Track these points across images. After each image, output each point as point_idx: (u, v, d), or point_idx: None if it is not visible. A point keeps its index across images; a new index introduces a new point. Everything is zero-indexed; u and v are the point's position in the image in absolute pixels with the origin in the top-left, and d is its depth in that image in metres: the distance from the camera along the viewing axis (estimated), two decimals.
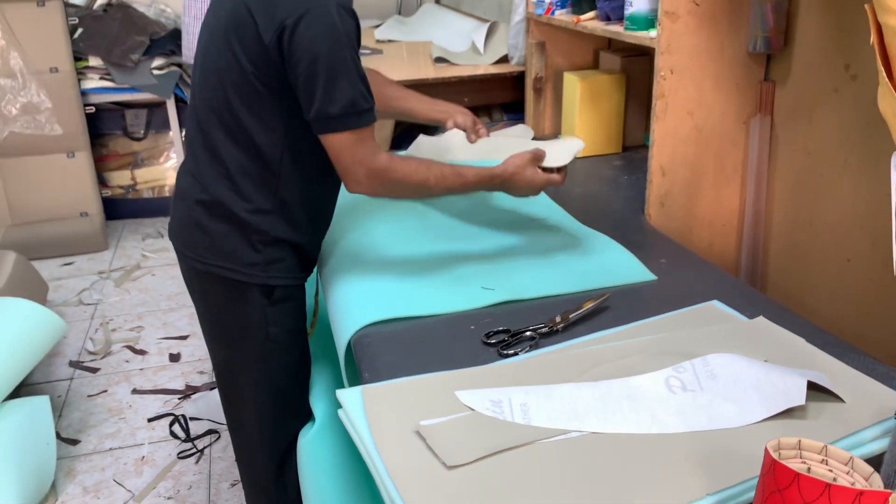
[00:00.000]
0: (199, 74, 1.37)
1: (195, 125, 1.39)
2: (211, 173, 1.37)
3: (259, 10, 1.23)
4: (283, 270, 1.43)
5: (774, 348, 1.12)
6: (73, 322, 2.97)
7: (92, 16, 3.61)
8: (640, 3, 1.70)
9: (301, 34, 1.20)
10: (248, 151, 1.33)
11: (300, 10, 1.20)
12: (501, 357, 1.16)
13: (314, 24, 1.20)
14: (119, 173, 3.82)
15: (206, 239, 1.41)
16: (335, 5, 1.21)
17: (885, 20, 0.93)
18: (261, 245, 1.38)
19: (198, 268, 1.44)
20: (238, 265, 1.40)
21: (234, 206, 1.36)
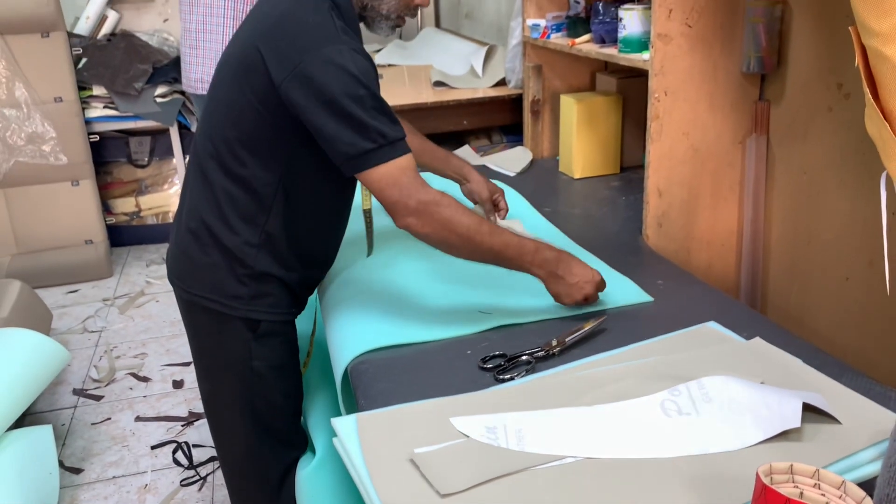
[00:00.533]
0: (208, 106, 1.38)
1: (193, 153, 1.41)
2: (201, 202, 1.38)
3: (270, 53, 1.23)
4: (270, 305, 1.41)
5: (771, 369, 1.12)
6: (77, 349, 2.98)
7: (96, 45, 3.66)
8: (634, 26, 1.71)
9: (315, 77, 1.19)
10: (238, 184, 1.33)
11: (312, 52, 1.19)
12: (498, 382, 1.16)
13: (327, 66, 1.18)
14: (123, 200, 3.85)
15: (193, 268, 1.41)
16: (347, 48, 1.21)
17: (868, 43, 0.94)
18: (246, 278, 1.38)
19: (184, 297, 1.45)
20: (222, 297, 1.39)
21: (222, 237, 1.36)
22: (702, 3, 1.58)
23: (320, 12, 1.25)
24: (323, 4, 1.26)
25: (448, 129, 2.81)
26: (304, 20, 1.23)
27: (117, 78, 3.55)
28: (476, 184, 1.74)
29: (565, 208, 1.97)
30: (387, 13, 1.36)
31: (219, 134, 1.33)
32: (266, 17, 1.28)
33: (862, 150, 1.46)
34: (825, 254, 1.60)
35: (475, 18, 3.97)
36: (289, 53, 1.21)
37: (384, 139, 1.21)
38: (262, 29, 1.27)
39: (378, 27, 1.39)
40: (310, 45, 1.20)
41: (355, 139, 1.20)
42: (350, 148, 1.21)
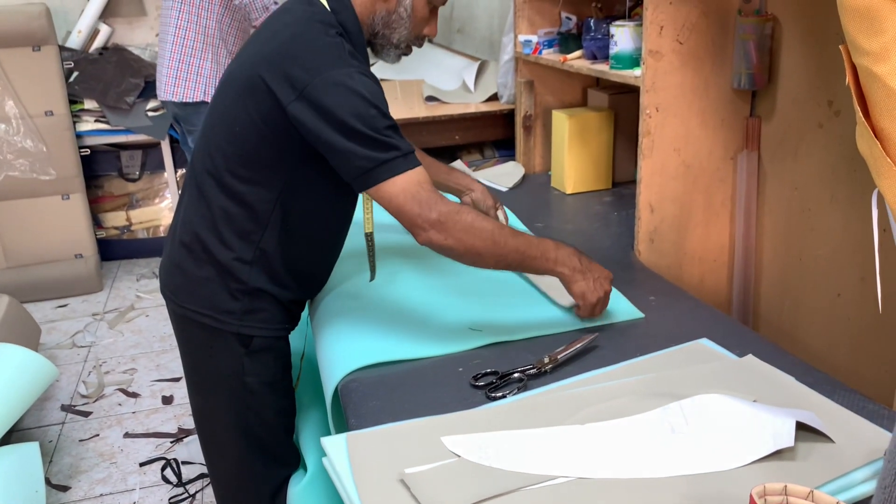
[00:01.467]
0: (208, 121, 1.37)
1: (190, 167, 1.40)
2: (195, 216, 1.37)
3: (277, 74, 1.22)
4: (263, 321, 1.40)
5: (764, 387, 1.11)
6: (65, 365, 2.95)
7: (87, 59, 3.65)
8: (625, 43, 1.72)
9: (324, 100, 1.19)
10: (235, 200, 1.32)
11: (321, 74, 1.19)
12: (489, 400, 1.15)
13: (337, 88, 1.19)
14: (114, 214, 3.83)
15: (186, 282, 1.40)
16: (355, 71, 1.21)
17: (858, 61, 0.94)
18: (239, 293, 1.37)
19: (177, 311, 1.44)
20: (215, 312, 1.38)
21: (215, 252, 1.35)
22: (693, 20, 1.58)
23: (329, 36, 1.25)
24: (332, 29, 1.27)
25: (440, 143, 2.81)
26: (314, 42, 1.24)
27: (109, 92, 3.54)
28: (480, 193, 1.75)
29: (557, 224, 1.97)
30: (397, 42, 1.38)
31: (218, 150, 1.33)
32: (274, 38, 1.28)
33: (853, 166, 1.46)
34: (817, 270, 1.60)
35: (467, 33, 3.98)
36: (297, 74, 1.21)
37: (398, 151, 1.21)
38: (270, 49, 1.26)
39: (386, 55, 1.41)
40: (319, 67, 1.20)
41: (369, 153, 1.19)
42: (365, 162, 1.20)
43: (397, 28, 1.36)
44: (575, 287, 1.32)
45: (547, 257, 1.29)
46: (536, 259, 1.29)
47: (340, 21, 1.30)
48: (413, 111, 2.83)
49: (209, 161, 1.34)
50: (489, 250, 1.24)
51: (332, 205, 1.39)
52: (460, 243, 1.23)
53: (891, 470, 0.70)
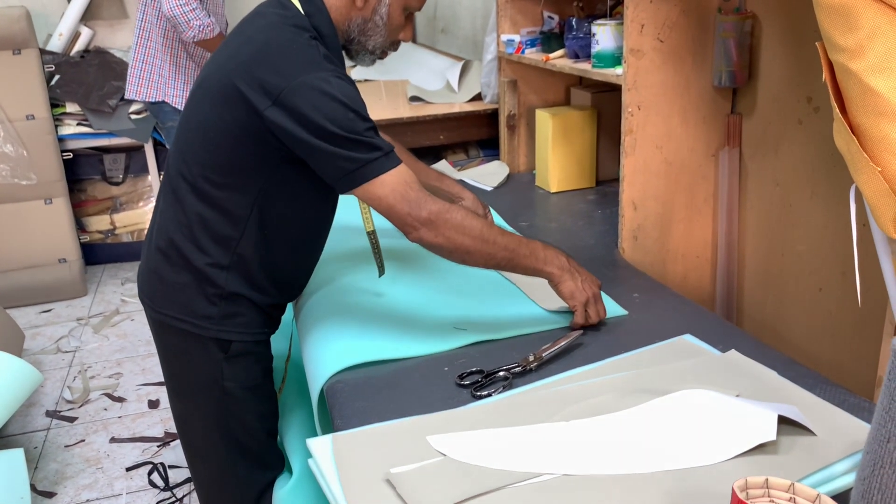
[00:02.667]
0: (182, 126, 1.36)
1: (166, 173, 1.39)
2: (171, 222, 1.36)
3: (252, 80, 1.21)
4: (241, 326, 1.40)
5: (747, 382, 1.12)
6: (50, 370, 2.93)
7: (69, 62, 3.63)
8: (606, 41, 1.72)
9: (300, 105, 1.18)
10: (211, 206, 1.31)
11: (296, 79, 1.18)
12: (475, 399, 1.15)
13: (313, 93, 1.18)
14: (98, 218, 3.81)
15: (163, 288, 1.40)
16: (331, 75, 1.20)
17: (835, 58, 0.95)
18: (216, 298, 1.36)
19: (154, 317, 1.43)
20: (192, 317, 1.37)
21: (192, 257, 1.34)
22: (673, 18, 1.59)
23: (303, 40, 1.24)
24: (305, 33, 1.26)
25: (425, 143, 2.81)
26: (288, 47, 1.23)
27: (91, 95, 3.52)
28: (471, 201, 1.74)
29: (542, 222, 1.97)
30: (373, 48, 1.38)
31: (193, 156, 1.32)
32: (248, 43, 1.26)
33: (833, 162, 1.48)
34: (799, 265, 1.61)
35: (450, 33, 3.98)
36: (272, 80, 1.19)
37: (380, 151, 1.21)
38: (243, 55, 1.25)
39: (361, 59, 1.41)
40: (293, 72, 1.19)
41: (351, 154, 1.19)
42: (348, 163, 1.20)
43: (373, 35, 1.36)
44: (563, 287, 1.32)
45: (536, 256, 1.30)
46: (526, 258, 1.29)
47: (315, 25, 1.29)
48: (397, 111, 2.83)
49: (184, 167, 1.33)
50: (478, 248, 1.25)
51: (310, 209, 1.38)
52: (450, 241, 1.23)
53: (869, 462, 0.71)
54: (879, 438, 0.69)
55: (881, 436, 0.69)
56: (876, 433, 0.70)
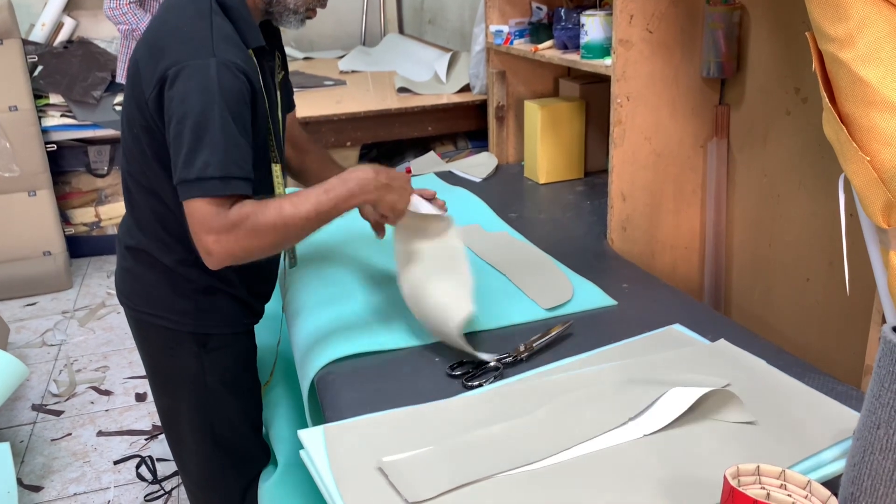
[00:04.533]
0: (122, 121, 1.33)
1: (121, 174, 1.38)
2: (134, 222, 1.36)
3: (145, 65, 1.19)
4: (219, 319, 1.39)
5: (736, 371, 1.13)
6: (36, 364, 2.91)
7: (52, 53, 3.59)
8: (595, 32, 1.72)
9: (175, 90, 1.13)
10: (159, 202, 1.30)
11: (178, 64, 1.13)
12: (466, 389, 1.15)
13: (189, 80, 1.12)
14: (83, 210, 3.77)
15: (138, 286, 1.39)
16: (217, 63, 1.13)
17: (825, 47, 0.95)
18: (192, 293, 1.35)
19: (133, 315, 1.42)
20: (169, 313, 1.37)
21: (160, 255, 1.33)
22: (662, 8, 1.59)
23: (199, 19, 1.19)
24: (204, 11, 1.20)
25: (413, 135, 2.81)
26: (178, 31, 1.18)
27: (75, 86, 3.48)
28: None
29: (531, 213, 1.97)
30: (294, 7, 1.30)
31: (129, 151, 1.30)
32: (150, 28, 1.25)
33: (820, 152, 1.49)
34: (786, 255, 1.62)
35: (438, 24, 3.97)
36: (158, 66, 1.16)
37: (212, 172, 1.11)
38: (144, 40, 1.23)
39: (286, 21, 1.32)
40: (175, 58, 1.14)
41: (183, 165, 1.12)
42: (178, 175, 1.13)
43: None
44: (384, 206, 1.24)
45: (341, 199, 1.19)
46: (334, 209, 1.19)
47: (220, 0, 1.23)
48: (385, 103, 2.82)
49: (129, 164, 1.32)
50: (283, 236, 1.17)
51: None
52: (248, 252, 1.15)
53: (859, 448, 0.72)
54: (869, 425, 0.70)
55: (871, 422, 0.70)
56: (866, 420, 0.71)
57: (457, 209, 1.91)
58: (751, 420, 1.00)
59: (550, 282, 1.48)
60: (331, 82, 3.30)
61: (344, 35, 4.33)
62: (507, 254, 1.62)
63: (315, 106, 2.74)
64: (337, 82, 3.30)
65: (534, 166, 2.20)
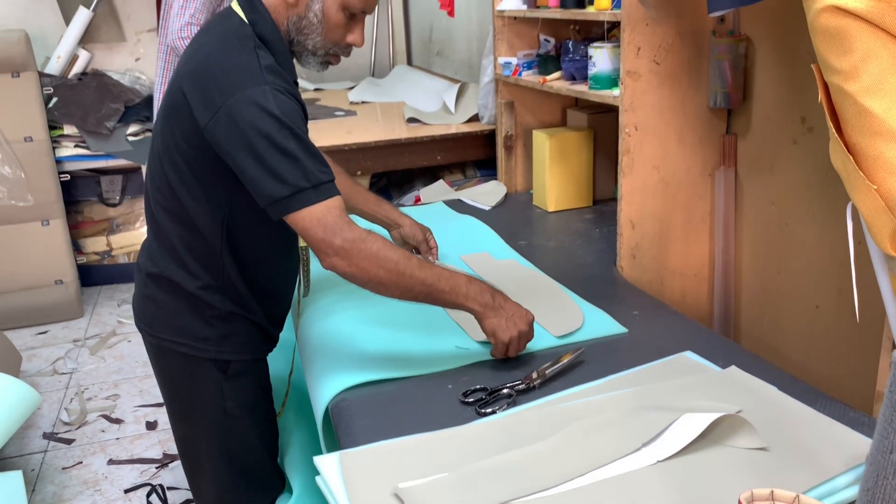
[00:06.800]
0: (150, 152, 1.37)
1: (146, 201, 1.41)
2: (158, 249, 1.38)
3: (194, 96, 1.22)
4: (239, 345, 1.41)
5: (747, 398, 1.13)
6: (47, 392, 2.92)
7: (67, 84, 3.65)
8: (603, 63, 1.75)
9: (237, 120, 1.17)
10: (189, 230, 1.32)
11: (234, 94, 1.17)
12: (479, 416, 1.16)
13: (249, 106, 1.17)
14: (94, 240, 3.81)
15: (159, 313, 1.41)
16: (270, 88, 1.18)
17: (830, 79, 0.97)
18: (213, 319, 1.37)
19: (153, 342, 1.44)
20: (191, 340, 1.38)
21: (183, 282, 1.35)
22: (669, 40, 1.62)
23: (245, 52, 1.23)
24: (248, 43, 1.25)
25: (422, 164, 2.84)
26: (227, 61, 1.22)
27: (89, 117, 3.54)
28: (408, 227, 1.72)
29: (540, 241, 1.99)
30: (313, 49, 1.33)
31: (160, 179, 1.33)
32: (190, 59, 1.28)
33: (827, 181, 1.50)
34: (795, 282, 1.63)
35: (446, 56, 4.03)
36: (212, 96, 1.19)
37: (307, 181, 1.18)
38: (187, 71, 1.26)
39: (306, 62, 1.36)
40: (232, 87, 1.18)
41: (276, 185, 1.17)
42: (274, 191, 1.18)
43: (310, 34, 1.30)
44: (486, 324, 1.28)
45: (457, 292, 1.26)
46: (445, 293, 1.25)
47: (258, 32, 1.27)
48: (395, 133, 2.85)
49: (157, 193, 1.34)
50: (393, 281, 1.21)
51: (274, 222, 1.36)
52: (363, 272, 1.20)
53: (872, 473, 0.72)
54: (882, 449, 0.71)
55: (884, 447, 0.71)
56: (879, 444, 0.71)
57: (466, 237, 1.94)
58: (763, 446, 1.00)
59: (561, 309, 1.49)
60: (341, 113, 3.34)
61: (353, 67, 4.39)
62: (517, 282, 1.64)
63: (326, 136, 2.77)
64: (347, 113, 3.35)
65: (542, 194, 2.22)
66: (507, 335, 1.27)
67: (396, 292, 1.24)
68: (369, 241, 1.20)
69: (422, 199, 2.58)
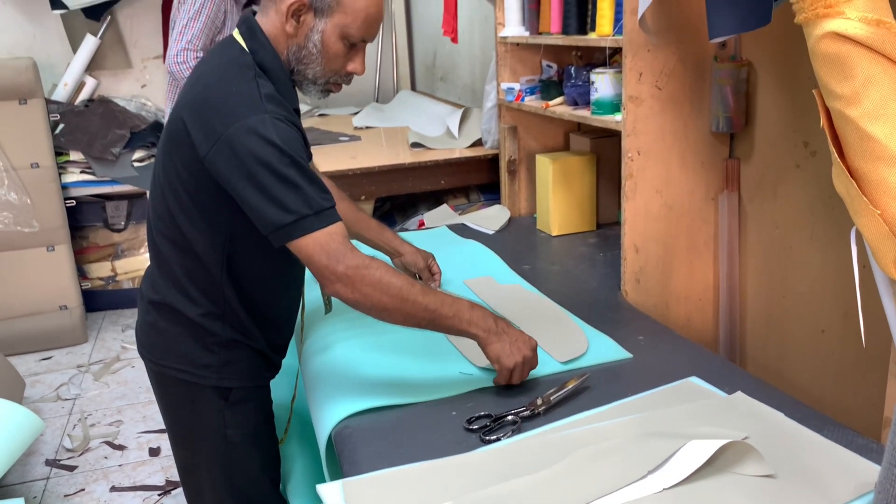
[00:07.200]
0: (151, 182, 1.38)
1: (147, 229, 1.41)
2: (160, 276, 1.38)
3: (194, 125, 1.23)
4: (240, 372, 1.40)
5: (753, 423, 1.13)
6: (50, 418, 2.91)
7: (73, 111, 3.68)
8: (605, 89, 1.76)
9: (237, 148, 1.17)
10: (190, 257, 1.33)
11: (234, 123, 1.18)
12: (484, 443, 1.15)
13: (249, 135, 1.17)
14: (99, 265, 3.82)
15: (160, 340, 1.41)
16: (270, 117, 1.19)
17: (832, 105, 0.98)
18: (215, 347, 1.37)
19: (154, 369, 1.44)
20: (192, 367, 1.38)
21: (184, 309, 1.35)
22: (670, 66, 1.63)
23: (245, 81, 1.24)
24: (248, 72, 1.25)
25: (426, 188, 2.85)
26: (227, 90, 1.23)
27: (95, 143, 3.56)
28: (410, 255, 1.72)
29: (544, 265, 1.99)
30: (313, 78, 1.33)
31: (162, 207, 1.33)
32: (191, 89, 1.29)
33: (831, 205, 1.50)
34: (800, 306, 1.62)
35: (450, 81, 4.06)
36: (212, 125, 1.20)
37: (309, 209, 1.18)
38: (187, 101, 1.27)
39: (307, 91, 1.37)
40: (232, 116, 1.19)
41: (278, 212, 1.17)
42: (276, 219, 1.18)
43: (309, 63, 1.31)
44: (490, 349, 1.27)
45: (461, 318, 1.25)
46: (449, 318, 1.25)
47: (258, 61, 1.28)
48: (399, 157, 2.87)
49: (159, 221, 1.35)
50: (397, 307, 1.21)
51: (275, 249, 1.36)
52: (367, 298, 1.20)
53: (881, 501, 0.72)
54: (891, 478, 0.70)
55: (892, 474, 0.70)
56: (887, 472, 0.71)
57: (470, 262, 1.94)
58: (770, 473, 0.99)
59: (565, 335, 1.49)
60: (345, 138, 3.36)
61: (357, 92, 4.41)
62: (521, 306, 1.64)
63: (330, 161, 2.79)
64: (351, 138, 3.36)
65: (546, 218, 2.22)
66: (511, 361, 1.27)
67: (400, 318, 1.23)
68: (372, 267, 1.20)
69: (426, 224, 2.58)
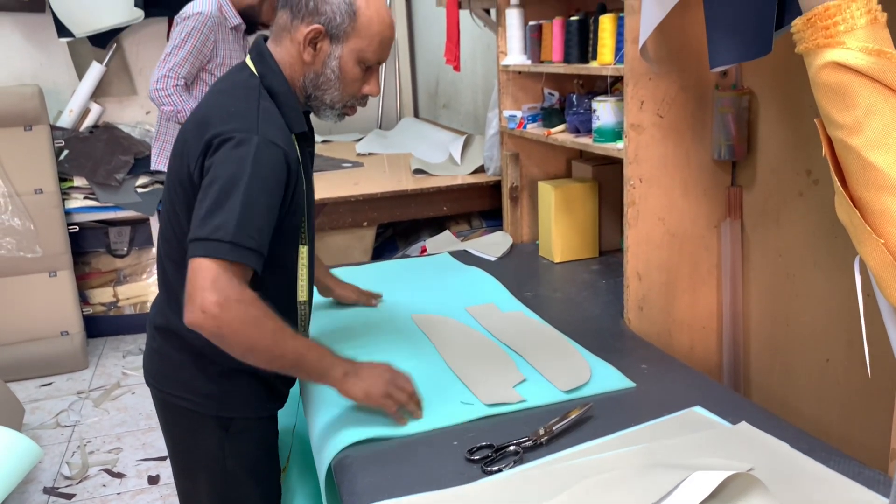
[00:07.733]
0: (164, 204, 1.39)
1: (157, 255, 1.42)
2: (166, 300, 1.38)
3: (192, 138, 1.25)
4: (242, 402, 1.39)
5: (758, 455, 1.11)
6: (49, 445, 2.89)
7: (78, 137, 3.70)
8: (607, 117, 1.77)
9: (215, 157, 1.20)
10: None
11: (223, 135, 1.21)
12: (486, 474, 1.14)
13: (230, 150, 1.19)
14: (101, 290, 3.81)
15: (164, 366, 1.40)
16: (259, 139, 1.20)
17: (833, 134, 0.98)
18: (217, 376, 1.36)
19: (159, 396, 1.43)
20: (194, 395, 1.37)
21: (188, 337, 1.33)
22: (672, 94, 1.64)
23: (246, 100, 1.26)
24: (252, 94, 1.28)
25: (429, 214, 2.85)
26: (228, 109, 1.26)
27: (99, 169, 3.58)
28: (342, 289, 1.78)
29: (546, 292, 1.98)
30: (331, 102, 1.34)
31: (168, 230, 1.34)
32: (198, 109, 1.32)
33: (834, 232, 1.50)
34: (805, 335, 1.61)
35: (452, 108, 4.08)
36: (204, 137, 1.22)
37: (227, 235, 1.14)
38: (193, 119, 1.30)
39: (324, 115, 1.38)
40: (222, 130, 1.21)
41: (201, 223, 1.16)
42: (196, 229, 1.16)
43: (328, 90, 1.33)
44: (354, 389, 1.25)
45: (322, 363, 1.25)
46: (312, 363, 1.24)
47: (267, 85, 1.30)
48: (401, 184, 2.87)
49: (165, 244, 1.36)
50: (266, 350, 1.19)
51: (280, 276, 1.37)
52: (235, 334, 1.15)
53: None
54: None
55: None
56: None
57: (471, 289, 1.94)
58: None
59: (568, 363, 1.48)
60: (349, 164, 3.38)
61: (361, 119, 4.44)
62: (523, 334, 1.63)
63: (333, 187, 2.79)
64: (354, 164, 3.38)
65: (549, 245, 2.22)
66: (378, 389, 1.25)
67: (264, 358, 1.20)
68: (251, 305, 1.16)
69: (428, 250, 2.58)
